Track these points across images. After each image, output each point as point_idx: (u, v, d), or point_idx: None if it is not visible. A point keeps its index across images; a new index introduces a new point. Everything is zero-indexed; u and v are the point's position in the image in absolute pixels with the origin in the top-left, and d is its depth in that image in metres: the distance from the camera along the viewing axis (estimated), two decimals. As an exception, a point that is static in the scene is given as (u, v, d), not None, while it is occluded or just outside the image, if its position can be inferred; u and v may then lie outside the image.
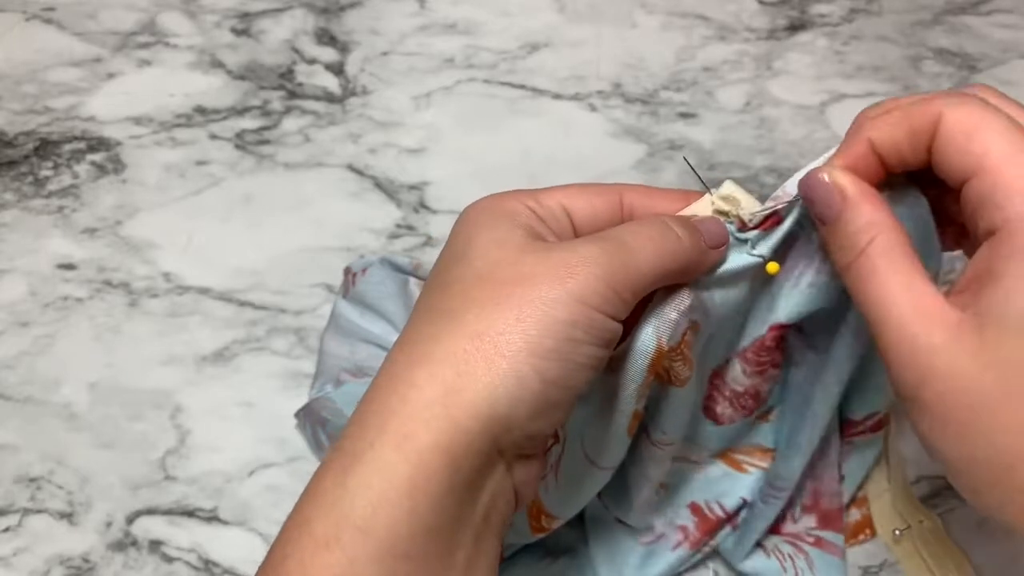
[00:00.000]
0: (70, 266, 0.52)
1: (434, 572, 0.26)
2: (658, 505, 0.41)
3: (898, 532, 0.42)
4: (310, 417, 0.44)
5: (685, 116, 0.58)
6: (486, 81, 0.60)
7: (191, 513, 0.44)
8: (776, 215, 0.32)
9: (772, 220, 0.32)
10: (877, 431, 0.41)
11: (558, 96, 0.59)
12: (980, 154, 0.26)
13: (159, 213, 0.54)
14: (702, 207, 0.32)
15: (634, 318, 0.31)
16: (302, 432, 0.45)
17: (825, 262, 0.33)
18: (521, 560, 0.41)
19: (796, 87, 0.60)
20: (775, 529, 0.42)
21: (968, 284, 0.27)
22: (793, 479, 0.40)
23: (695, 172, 0.34)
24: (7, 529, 0.43)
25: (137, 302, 0.50)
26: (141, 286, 0.51)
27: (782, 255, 0.33)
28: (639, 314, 0.31)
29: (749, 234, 0.32)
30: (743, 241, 0.32)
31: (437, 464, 0.25)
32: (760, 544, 0.42)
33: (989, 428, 0.25)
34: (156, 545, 0.43)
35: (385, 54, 0.61)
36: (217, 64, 0.61)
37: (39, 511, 0.44)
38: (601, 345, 0.28)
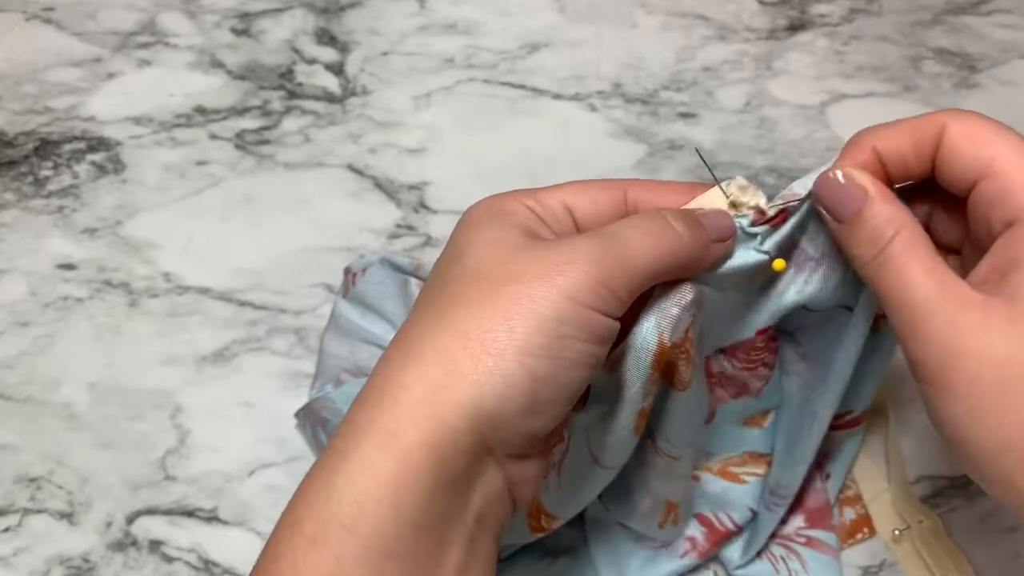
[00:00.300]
0: (70, 266, 0.52)
1: (424, 572, 0.25)
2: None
3: (898, 532, 0.42)
4: (310, 417, 0.44)
5: (685, 116, 0.58)
6: (486, 81, 0.60)
7: (191, 513, 0.44)
8: (785, 212, 0.31)
9: (780, 217, 0.31)
10: (851, 428, 0.41)
11: (558, 96, 0.59)
12: (989, 158, 0.28)
13: (159, 213, 0.54)
14: (710, 200, 0.32)
15: (636, 314, 0.30)
16: (302, 432, 0.45)
17: (816, 271, 0.33)
18: (521, 560, 0.41)
19: (796, 87, 0.60)
20: None
21: (988, 275, 0.28)
22: (796, 486, 0.40)
23: (706, 164, 0.33)
24: (7, 529, 0.43)
25: (137, 302, 0.50)
26: (141, 286, 0.51)
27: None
28: (640, 310, 0.31)
29: (759, 229, 0.31)
30: (751, 236, 0.31)
31: (423, 462, 0.25)
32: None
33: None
34: (156, 545, 0.43)
35: (385, 54, 0.61)
36: (217, 64, 0.61)
37: (39, 511, 0.44)
38: (594, 342, 0.27)
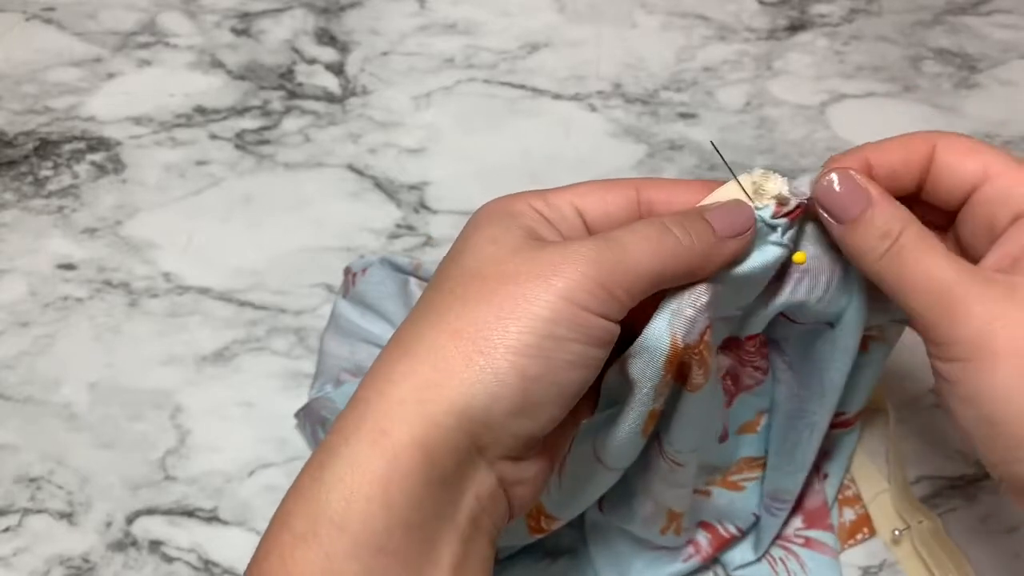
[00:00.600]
0: (70, 266, 0.52)
1: (415, 570, 0.25)
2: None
3: (897, 532, 0.42)
4: (310, 417, 0.44)
5: (685, 116, 0.58)
6: (486, 81, 0.60)
7: (191, 513, 0.44)
8: (802, 207, 0.30)
9: (798, 211, 0.31)
10: (845, 427, 0.41)
11: (558, 96, 0.59)
12: (982, 166, 0.30)
13: (159, 213, 0.54)
14: (726, 195, 0.31)
15: (647, 317, 0.30)
16: (302, 432, 0.45)
17: (802, 281, 0.32)
18: (521, 561, 0.41)
19: (796, 87, 0.60)
20: None
21: (998, 263, 0.29)
22: (797, 491, 0.40)
23: (722, 157, 0.33)
24: (7, 529, 0.43)
25: (137, 302, 0.50)
26: (141, 286, 0.51)
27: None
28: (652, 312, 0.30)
29: (780, 221, 0.30)
30: (772, 228, 0.30)
31: (412, 459, 0.25)
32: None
33: None
34: (156, 545, 0.43)
35: (385, 54, 0.61)
36: (217, 64, 0.61)
37: (39, 511, 0.44)
38: (591, 344, 0.27)
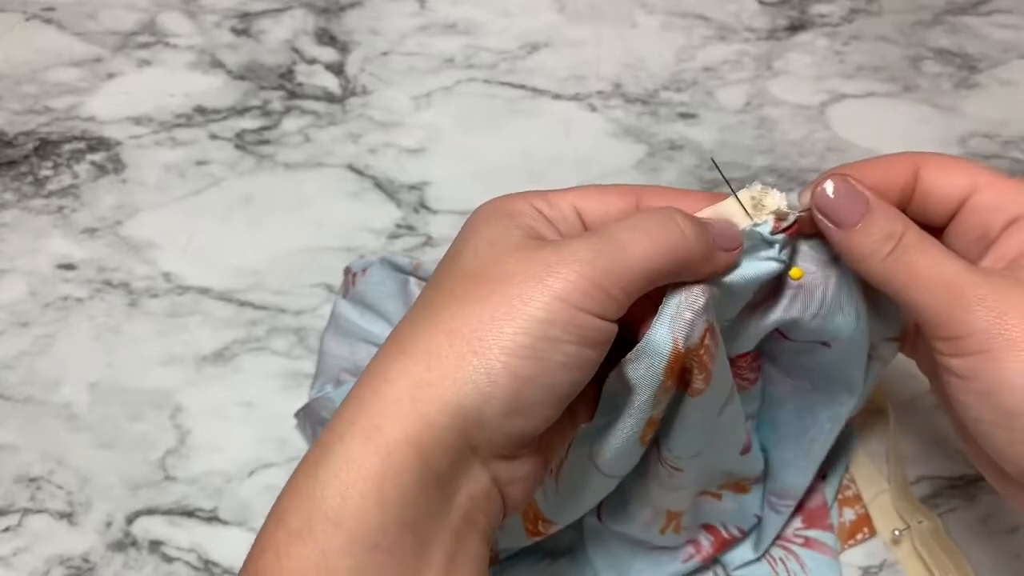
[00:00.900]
0: (70, 266, 0.52)
1: (409, 567, 0.25)
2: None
3: (897, 532, 0.42)
4: (310, 417, 0.44)
5: (685, 116, 0.58)
6: (486, 81, 0.60)
7: (191, 513, 0.44)
8: (798, 224, 0.31)
9: (795, 227, 0.31)
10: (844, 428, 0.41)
11: (558, 96, 0.59)
12: (970, 178, 0.31)
13: (159, 213, 0.54)
14: (727, 208, 0.31)
15: (645, 318, 0.30)
16: (302, 432, 0.45)
17: (796, 297, 0.32)
18: (520, 561, 0.41)
19: (796, 87, 0.60)
20: None
21: (995, 267, 0.30)
22: (804, 487, 0.40)
23: (722, 174, 0.33)
24: (7, 529, 0.43)
25: (137, 302, 0.50)
26: (141, 286, 0.51)
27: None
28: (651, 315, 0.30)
29: (778, 237, 0.30)
30: (769, 244, 0.30)
31: (406, 457, 0.25)
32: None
33: None
34: (156, 545, 0.43)
35: (385, 54, 0.61)
36: (217, 64, 0.61)
37: (39, 511, 0.44)
38: (586, 345, 0.27)
